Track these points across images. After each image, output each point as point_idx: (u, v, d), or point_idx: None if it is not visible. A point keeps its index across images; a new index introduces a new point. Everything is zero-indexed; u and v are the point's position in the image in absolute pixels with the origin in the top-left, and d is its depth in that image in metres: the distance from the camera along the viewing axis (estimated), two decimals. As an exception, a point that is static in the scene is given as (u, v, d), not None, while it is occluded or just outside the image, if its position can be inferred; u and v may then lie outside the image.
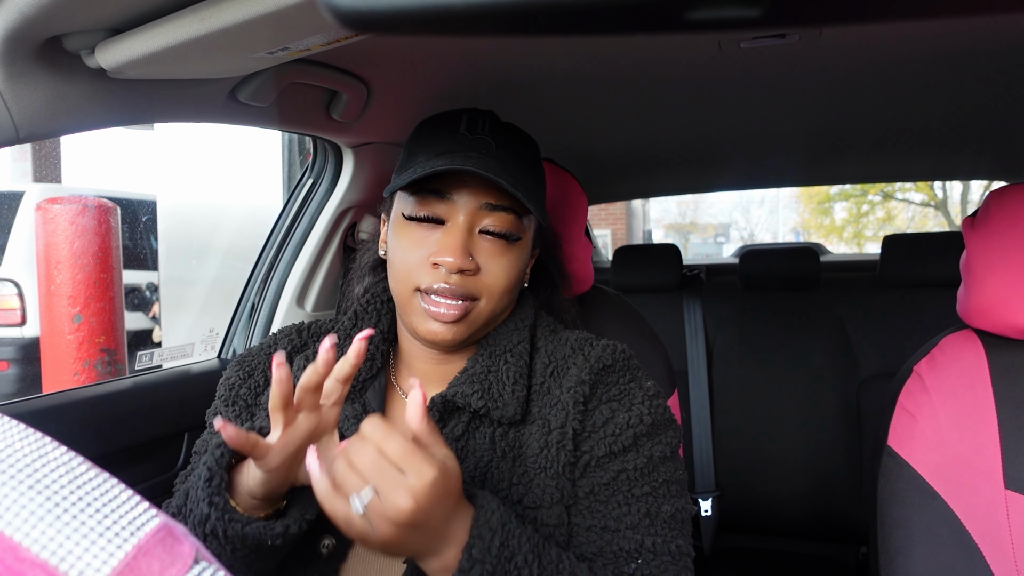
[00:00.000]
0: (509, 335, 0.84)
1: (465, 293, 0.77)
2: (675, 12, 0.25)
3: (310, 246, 1.44)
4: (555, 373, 0.82)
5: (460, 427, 0.79)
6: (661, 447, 0.79)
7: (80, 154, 6.32)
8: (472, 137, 0.80)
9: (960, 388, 0.98)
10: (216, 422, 0.61)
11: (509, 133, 0.84)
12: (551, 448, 0.76)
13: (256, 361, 0.88)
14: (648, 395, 0.81)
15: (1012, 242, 0.94)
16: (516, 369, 0.80)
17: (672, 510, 0.77)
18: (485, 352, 0.82)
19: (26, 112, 0.75)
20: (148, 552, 0.28)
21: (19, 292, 3.91)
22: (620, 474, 0.76)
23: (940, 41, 1.06)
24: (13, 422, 0.32)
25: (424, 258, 0.78)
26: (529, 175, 0.82)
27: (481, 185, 0.78)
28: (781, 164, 2.26)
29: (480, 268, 0.78)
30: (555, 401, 0.79)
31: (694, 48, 1.08)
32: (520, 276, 0.83)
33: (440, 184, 0.78)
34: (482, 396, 0.78)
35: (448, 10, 0.26)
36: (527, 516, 0.75)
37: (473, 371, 0.80)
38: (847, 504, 2.08)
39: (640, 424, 0.78)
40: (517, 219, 0.80)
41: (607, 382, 0.81)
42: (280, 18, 0.66)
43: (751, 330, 2.26)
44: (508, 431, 0.79)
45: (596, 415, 0.79)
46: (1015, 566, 0.89)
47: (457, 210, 0.78)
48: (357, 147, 1.38)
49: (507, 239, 0.79)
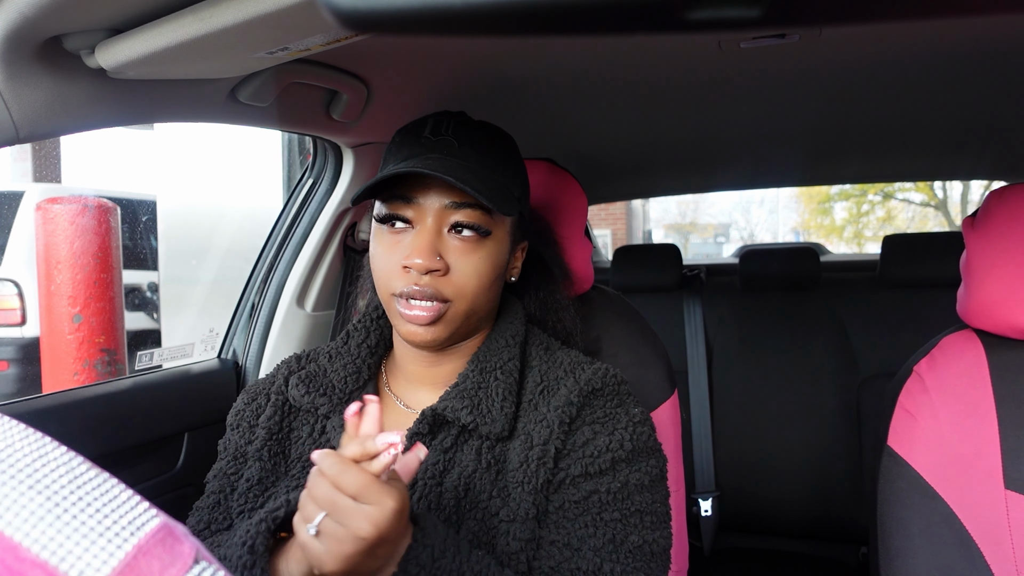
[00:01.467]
0: (500, 351, 0.84)
1: (436, 294, 0.77)
2: (675, 12, 0.25)
3: (310, 246, 1.44)
4: (545, 392, 0.83)
5: (449, 440, 0.81)
6: (639, 475, 0.78)
7: (80, 154, 6.32)
8: (435, 139, 0.81)
9: (960, 388, 0.98)
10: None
11: (475, 132, 0.84)
12: (531, 464, 0.77)
13: (259, 388, 0.92)
14: (633, 421, 0.81)
15: (1012, 242, 0.94)
16: (506, 386, 0.81)
17: (640, 541, 0.76)
18: (476, 368, 0.83)
19: (26, 112, 0.75)
20: (148, 552, 0.28)
21: (19, 292, 3.90)
22: (592, 495, 0.76)
23: (940, 41, 1.06)
24: (13, 422, 0.32)
25: (397, 263, 0.79)
26: (495, 170, 0.82)
27: (443, 185, 0.79)
28: (781, 164, 2.26)
29: (451, 268, 0.78)
30: (540, 418, 0.80)
31: (694, 48, 1.08)
32: (496, 272, 0.83)
33: (405, 189, 0.79)
34: (471, 412, 0.79)
35: (448, 10, 0.26)
36: (500, 529, 0.75)
37: (464, 386, 0.81)
38: (847, 504, 2.08)
39: (620, 449, 0.78)
40: (485, 213, 0.80)
41: (593, 404, 0.81)
42: (280, 18, 0.66)
43: (751, 330, 2.26)
44: (494, 445, 0.80)
45: (578, 435, 0.79)
46: (1015, 566, 0.89)
47: (424, 212, 0.79)
48: (357, 147, 1.38)
49: (477, 232, 0.79)
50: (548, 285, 1.00)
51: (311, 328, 1.47)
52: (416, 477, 0.78)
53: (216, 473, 0.87)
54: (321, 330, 1.50)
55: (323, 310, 1.50)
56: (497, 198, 0.78)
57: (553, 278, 1.00)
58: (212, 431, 1.33)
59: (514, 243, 0.88)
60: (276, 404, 0.88)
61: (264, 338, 1.42)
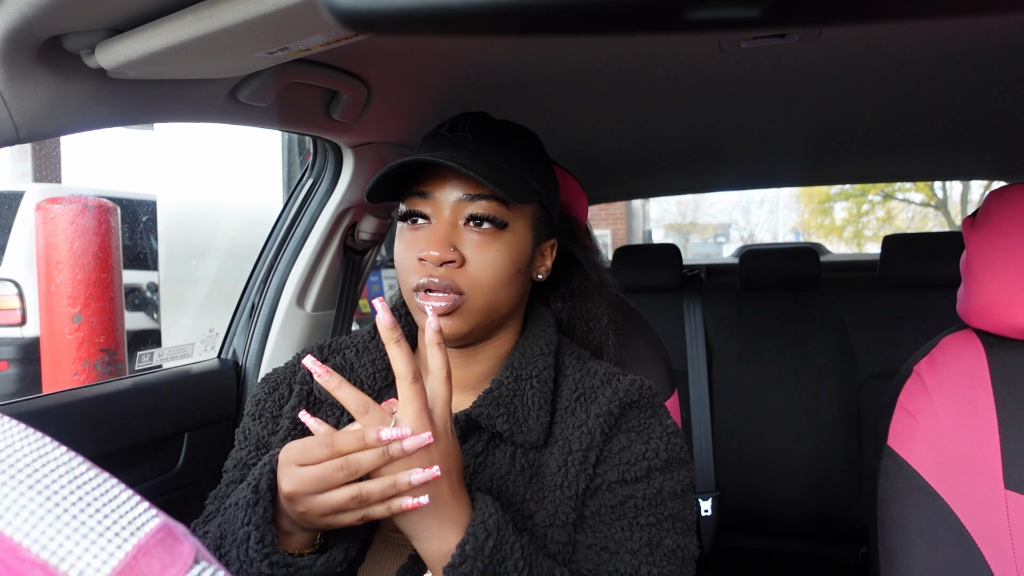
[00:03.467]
0: (535, 359, 0.84)
1: (450, 285, 0.77)
2: (675, 12, 0.25)
3: (310, 246, 1.44)
4: (582, 399, 0.83)
5: (480, 445, 0.81)
6: (672, 483, 0.79)
7: (80, 154, 6.32)
8: (451, 135, 0.82)
9: (960, 388, 0.98)
10: (302, 416, 0.69)
11: (493, 128, 0.84)
12: (571, 469, 0.77)
13: (280, 377, 0.91)
14: (667, 432, 0.82)
15: (1012, 242, 0.94)
16: (542, 395, 0.81)
17: (674, 545, 0.77)
18: (511, 375, 0.82)
19: (26, 112, 0.75)
20: (148, 552, 0.28)
21: (19, 292, 3.90)
22: (628, 500, 0.77)
23: (940, 41, 1.06)
24: (13, 422, 0.32)
25: (414, 257, 0.79)
26: (512, 163, 0.82)
27: (458, 177, 0.79)
28: (781, 164, 2.26)
29: (467, 260, 0.78)
30: (579, 424, 0.80)
31: (694, 48, 1.08)
32: (515, 266, 0.82)
33: (422, 185, 0.80)
34: (507, 420, 0.79)
35: (448, 10, 0.26)
36: (537, 533, 0.76)
37: (499, 393, 0.81)
38: (847, 504, 2.08)
39: (655, 458, 0.79)
40: (501, 205, 0.79)
41: (629, 415, 0.82)
42: (280, 18, 0.66)
43: (751, 330, 2.26)
44: (528, 451, 0.80)
45: (614, 442, 0.80)
46: (1015, 566, 0.89)
47: (440, 206, 0.80)
48: (357, 147, 1.38)
49: (493, 224, 0.79)
50: (582, 291, 0.98)
51: (311, 328, 1.47)
52: None
53: (236, 462, 0.87)
54: (321, 330, 1.50)
55: (323, 310, 1.50)
56: (508, 185, 0.77)
57: (587, 283, 0.98)
58: (212, 431, 1.33)
59: (538, 239, 0.86)
60: (300, 395, 0.87)
61: (264, 338, 1.43)
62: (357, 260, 1.56)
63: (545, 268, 0.90)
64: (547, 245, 0.89)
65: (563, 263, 0.97)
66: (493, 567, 0.64)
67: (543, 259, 0.89)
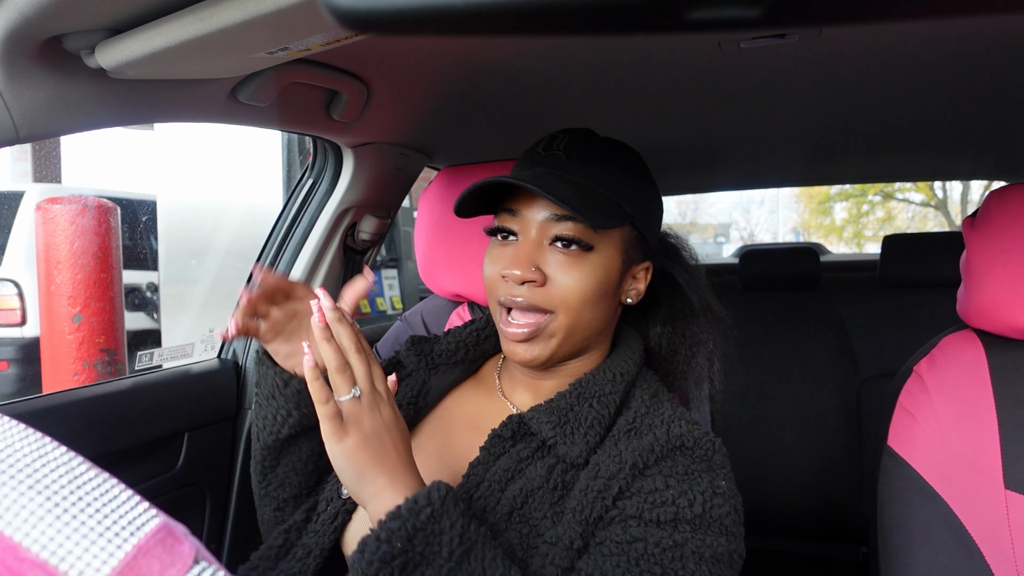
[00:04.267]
0: (604, 384, 0.82)
1: (532, 304, 0.78)
2: (675, 12, 0.25)
3: (310, 246, 1.44)
4: (632, 433, 0.79)
5: (527, 451, 0.80)
6: (700, 545, 0.69)
7: (80, 154, 6.32)
8: (545, 154, 0.82)
9: (960, 388, 0.98)
10: None
11: (590, 146, 0.83)
12: (590, 494, 0.73)
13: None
14: (716, 491, 0.72)
15: (1012, 242, 0.94)
16: (597, 415, 0.79)
17: None
18: (575, 391, 0.81)
19: (26, 112, 0.75)
20: (148, 552, 0.28)
21: (19, 292, 3.90)
22: (637, 541, 0.69)
23: (940, 41, 1.06)
24: (13, 422, 0.32)
25: (498, 273, 0.81)
26: (604, 184, 0.80)
27: (546, 198, 0.78)
28: (781, 164, 2.26)
29: (549, 279, 0.78)
30: (616, 454, 0.76)
31: (694, 48, 1.08)
32: (602, 289, 0.80)
33: (512, 203, 0.81)
34: (555, 428, 0.78)
35: (448, 10, 0.26)
36: (540, 550, 0.73)
37: (556, 404, 0.81)
38: (847, 504, 2.08)
39: (688, 508, 0.70)
40: (588, 228, 0.78)
41: (676, 459, 0.75)
42: (280, 18, 0.66)
43: (751, 330, 2.26)
44: (568, 470, 0.78)
45: (647, 480, 0.73)
46: (1015, 566, 0.89)
47: (528, 225, 0.80)
48: (357, 147, 1.38)
49: (579, 246, 0.78)
50: (684, 315, 0.93)
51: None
52: (483, 477, 0.78)
53: None
54: (321, 330, 1.50)
55: (323, 310, 1.50)
56: (593, 209, 0.76)
57: (691, 307, 0.93)
58: (212, 431, 1.33)
59: (629, 261, 0.84)
60: (391, 362, 0.96)
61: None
62: (357, 260, 1.56)
63: (636, 291, 0.87)
64: (640, 268, 0.87)
65: (665, 286, 0.94)
66: (424, 537, 0.62)
67: (635, 282, 0.87)
